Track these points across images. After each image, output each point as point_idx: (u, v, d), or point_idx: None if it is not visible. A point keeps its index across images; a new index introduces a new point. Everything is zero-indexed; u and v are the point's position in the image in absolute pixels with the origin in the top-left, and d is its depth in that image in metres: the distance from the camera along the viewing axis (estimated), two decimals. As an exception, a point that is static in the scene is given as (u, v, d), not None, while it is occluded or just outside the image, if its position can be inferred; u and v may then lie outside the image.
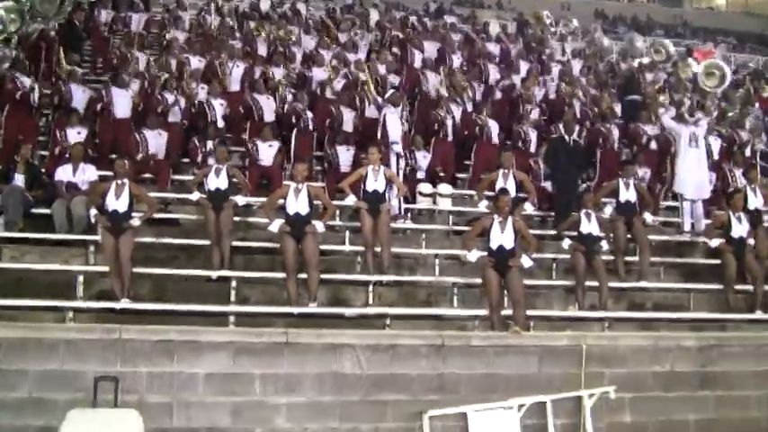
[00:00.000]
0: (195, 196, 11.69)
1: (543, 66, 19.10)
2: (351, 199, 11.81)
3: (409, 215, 13.56)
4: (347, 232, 12.56)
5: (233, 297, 10.97)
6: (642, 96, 17.49)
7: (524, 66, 18.77)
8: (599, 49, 22.48)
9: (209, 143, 13.35)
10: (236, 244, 11.56)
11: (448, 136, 14.90)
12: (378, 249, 11.60)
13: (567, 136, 14.21)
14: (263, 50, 17.93)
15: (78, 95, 14.00)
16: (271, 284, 11.29)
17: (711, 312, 12.24)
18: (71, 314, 10.01)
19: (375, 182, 11.71)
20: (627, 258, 12.58)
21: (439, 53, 18.63)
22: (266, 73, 16.14)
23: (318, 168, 14.40)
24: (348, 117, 14.73)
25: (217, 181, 11.60)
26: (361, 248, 11.88)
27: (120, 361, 8.69)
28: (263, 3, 22.11)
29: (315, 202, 11.14)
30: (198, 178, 11.92)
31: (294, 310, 10.63)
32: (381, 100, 14.62)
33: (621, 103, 17.41)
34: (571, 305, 11.81)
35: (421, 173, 14.31)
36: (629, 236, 12.49)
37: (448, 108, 15.10)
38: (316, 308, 10.72)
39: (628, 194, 12.58)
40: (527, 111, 16.00)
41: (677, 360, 10.36)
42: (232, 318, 10.49)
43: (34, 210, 11.56)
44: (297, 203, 10.90)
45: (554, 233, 12.88)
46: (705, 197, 14.16)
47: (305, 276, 10.76)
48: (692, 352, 10.49)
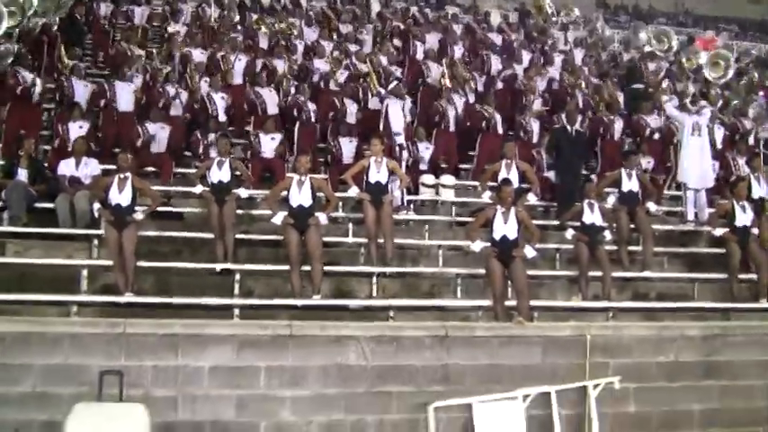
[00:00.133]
0: (198, 189, 11.71)
1: (545, 56, 19.05)
2: (353, 190, 11.79)
3: (412, 206, 13.55)
4: (350, 224, 12.57)
5: (237, 290, 10.98)
6: (645, 85, 17.46)
7: (526, 56, 18.72)
8: (600, 38, 22.44)
9: (210, 136, 13.35)
10: (239, 237, 11.58)
11: (449, 127, 14.88)
12: (381, 241, 11.60)
13: (570, 126, 14.16)
14: (265, 43, 17.91)
15: (80, 90, 14.03)
16: (274, 277, 11.29)
17: (715, 302, 12.22)
18: (75, 308, 10.00)
19: (378, 173, 11.70)
20: (630, 248, 12.57)
21: (440, 44, 18.59)
22: (268, 66, 16.13)
23: (321, 160, 14.37)
24: (351, 109, 14.72)
25: (219, 173, 11.61)
26: (364, 240, 11.88)
27: (124, 355, 8.67)
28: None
29: (318, 194, 11.13)
30: (200, 171, 11.94)
31: (298, 303, 10.64)
32: (384, 91, 14.60)
33: (624, 93, 17.37)
34: (575, 295, 11.81)
35: (424, 164, 14.30)
36: (632, 226, 12.49)
37: (449, 99, 15.07)
38: (319, 300, 10.73)
39: (630, 184, 12.57)
40: (529, 101, 15.97)
41: (681, 350, 10.32)
42: (236, 311, 10.50)
43: (37, 204, 11.56)
44: (300, 195, 10.89)
45: (557, 223, 12.86)
46: (709, 186, 14.14)
47: (308, 268, 10.77)
48: (697, 342, 10.46)
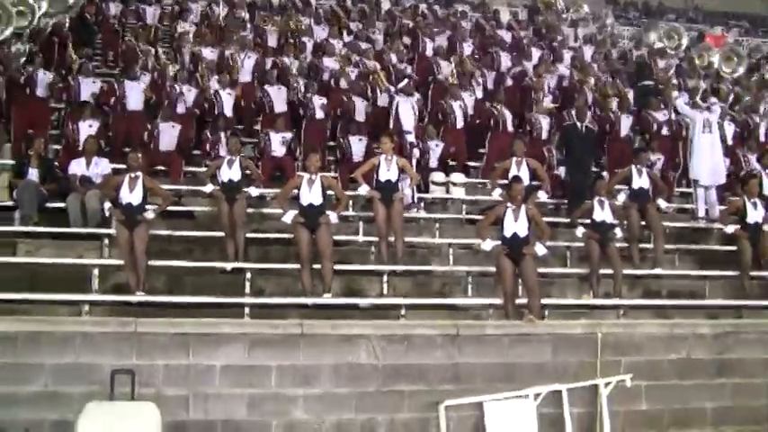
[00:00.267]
0: (209, 188, 11.71)
1: (555, 53, 19.00)
2: (364, 189, 11.79)
3: (422, 204, 13.55)
4: (360, 222, 12.56)
5: (248, 289, 10.99)
6: (654, 82, 17.41)
7: (536, 53, 18.67)
8: (609, 35, 22.38)
9: (221, 134, 13.35)
10: (250, 235, 11.59)
11: (456, 124, 14.82)
12: (391, 239, 11.59)
13: (580, 123, 14.16)
14: (274, 41, 17.91)
15: (86, 88, 14.01)
16: (285, 276, 11.29)
17: (727, 299, 12.22)
18: (86, 307, 10.02)
19: (388, 171, 11.68)
20: (641, 245, 12.54)
21: (449, 41, 18.57)
22: (278, 64, 16.13)
23: (331, 158, 14.36)
24: (360, 107, 14.71)
25: (230, 172, 11.61)
26: (374, 238, 11.87)
27: (136, 354, 8.69)
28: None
29: (328, 193, 11.12)
30: (211, 170, 11.94)
31: (309, 302, 10.64)
32: (394, 89, 14.59)
33: (634, 90, 17.31)
34: (585, 293, 11.79)
35: (434, 162, 14.27)
36: (643, 223, 12.45)
37: (455, 96, 15.00)
38: (330, 299, 10.72)
39: (641, 181, 12.53)
40: (539, 98, 15.92)
41: (693, 347, 10.31)
42: (247, 309, 10.51)
43: (49, 204, 11.59)
44: (310, 194, 10.87)
45: (568, 221, 12.82)
46: (720, 182, 14.10)
47: (319, 267, 10.76)
48: (708, 339, 10.44)
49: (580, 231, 11.84)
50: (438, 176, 14.03)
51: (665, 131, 15.53)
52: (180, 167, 13.28)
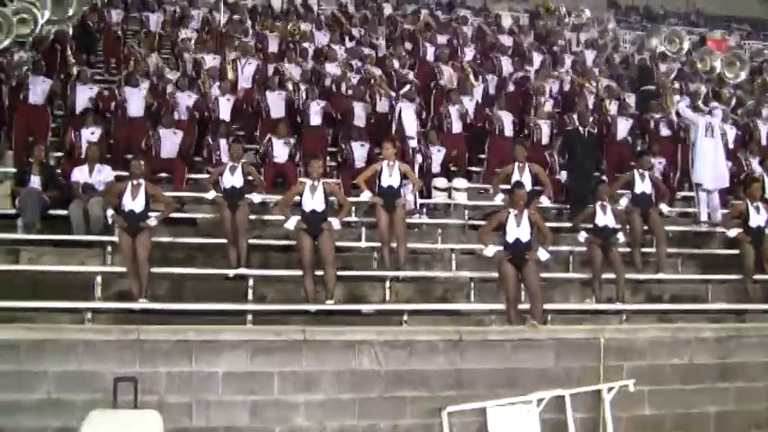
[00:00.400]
0: (211, 195, 11.69)
1: (556, 57, 18.99)
2: (366, 195, 11.79)
3: (425, 210, 13.54)
4: (363, 228, 12.54)
5: (250, 295, 11.01)
6: (656, 87, 17.40)
7: (538, 57, 18.67)
8: (611, 39, 22.37)
9: (221, 141, 13.35)
10: (252, 242, 11.58)
11: (452, 129, 14.76)
12: (394, 245, 11.58)
13: (582, 127, 14.16)
14: (275, 47, 17.92)
15: (83, 95, 13.99)
16: (288, 282, 11.29)
17: (730, 303, 12.22)
18: (89, 315, 10.05)
19: (390, 177, 11.69)
20: (644, 250, 12.52)
21: (450, 45, 18.55)
22: (279, 70, 16.13)
23: (332, 164, 14.34)
24: (361, 113, 14.69)
25: (232, 179, 11.62)
26: (377, 244, 11.86)
27: (138, 361, 8.71)
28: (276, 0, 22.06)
29: (330, 199, 11.12)
30: (213, 177, 11.92)
31: (311, 308, 10.66)
32: (395, 95, 14.58)
33: (636, 94, 17.31)
34: (588, 298, 11.80)
35: (436, 167, 14.26)
36: (645, 227, 12.44)
37: (452, 100, 14.96)
38: (333, 305, 10.72)
39: (643, 186, 12.54)
40: (540, 103, 15.90)
41: (696, 352, 10.31)
42: (249, 316, 10.52)
43: (51, 211, 11.58)
44: (313, 200, 10.87)
45: (570, 226, 12.82)
46: (724, 186, 14.09)
47: (321, 273, 10.76)
48: (711, 343, 10.44)
49: (582, 236, 11.84)
50: (440, 182, 14.01)
51: (665, 132, 15.50)
52: (183, 174, 13.27)
